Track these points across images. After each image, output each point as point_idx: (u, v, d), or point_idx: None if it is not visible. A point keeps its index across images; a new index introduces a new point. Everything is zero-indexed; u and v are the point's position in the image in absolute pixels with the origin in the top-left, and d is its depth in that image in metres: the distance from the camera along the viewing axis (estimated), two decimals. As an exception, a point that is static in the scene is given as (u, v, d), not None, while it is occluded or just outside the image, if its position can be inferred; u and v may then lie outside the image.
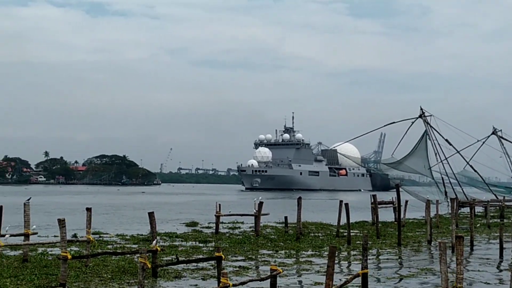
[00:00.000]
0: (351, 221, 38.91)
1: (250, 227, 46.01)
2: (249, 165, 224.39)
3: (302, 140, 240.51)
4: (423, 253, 32.81)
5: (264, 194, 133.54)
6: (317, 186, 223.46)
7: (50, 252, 29.76)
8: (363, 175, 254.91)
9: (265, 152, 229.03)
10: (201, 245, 34.67)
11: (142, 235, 38.94)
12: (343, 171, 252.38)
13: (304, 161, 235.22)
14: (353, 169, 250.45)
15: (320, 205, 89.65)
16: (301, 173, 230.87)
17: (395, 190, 41.21)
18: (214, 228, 42.94)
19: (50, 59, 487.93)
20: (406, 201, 53.92)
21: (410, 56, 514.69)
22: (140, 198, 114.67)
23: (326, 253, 30.36)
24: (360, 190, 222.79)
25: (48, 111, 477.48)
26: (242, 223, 49.58)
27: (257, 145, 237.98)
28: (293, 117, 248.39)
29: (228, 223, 49.05)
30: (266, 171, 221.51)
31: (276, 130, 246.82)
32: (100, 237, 37.62)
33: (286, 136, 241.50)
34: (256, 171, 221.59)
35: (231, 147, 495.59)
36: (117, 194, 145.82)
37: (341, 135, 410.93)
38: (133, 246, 33.17)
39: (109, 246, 32.50)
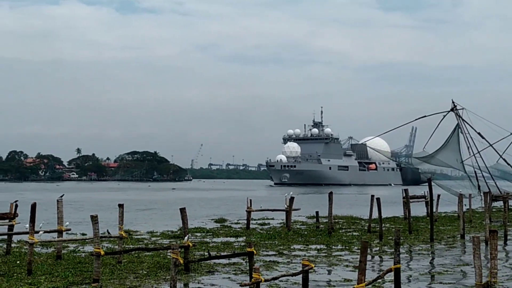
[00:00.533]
0: (382, 216, 38.72)
1: (280, 223, 46.00)
2: (277, 160, 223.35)
3: (331, 134, 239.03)
4: (456, 248, 32.53)
5: (293, 189, 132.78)
6: (346, 181, 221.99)
7: (82, 249, 30.01)
8: (393, 169, 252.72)
9: (293, 147, 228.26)
10: (232, 240, 34.76)
11: (172, 231, 39.05)
12: (372, 166, 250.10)
13: (333, 156, 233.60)
14: (383, 163, 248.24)
15: (350, 200, 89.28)
16: (330, 168, 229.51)
17: (426, 184, 40.94)
18: (245, 224, 43.02)
19: (81, 57, 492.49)
20: (439, 195, 53.47)
21: (440, 49, 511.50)
22: (170, 195, 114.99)
23: (358, 248, 30.28)
24: (390, 185, 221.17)
25: (79, 109, 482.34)
26: (272, 219, 49.55)
27: (286, 140, 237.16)
28: (321, 112, 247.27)
29: (258, 219, 48.95)
30: (294, 166, 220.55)
31: (304, 124, 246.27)
32: (130, 234, 37.71)
33: (315, 130, 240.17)
34: (284, 166, 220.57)
35: (261, 142, 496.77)
36: (148, 190, 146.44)
37: (371, 130, 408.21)
38: (165, 242, 33.34)
39: (140, 243, 32.59)
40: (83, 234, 33.84)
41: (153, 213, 61.30)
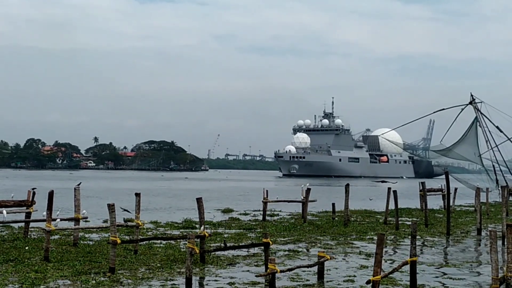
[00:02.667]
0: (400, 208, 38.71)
1: (289, 215, 45.82)
2: (286, 151, 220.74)
3: (342, 125, 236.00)
4: (473, 242, 32.41)
5: (302, 181, 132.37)
6: (357, 173, 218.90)
7: (92, 238, 30.12)
8: (405, 162, 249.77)
9: (303, 138, 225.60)
10: (245, 231, 34.75)
11: (176, 223, 38.57)
12: (384, 158, 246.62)
13: (344, 147, 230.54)
14: (395, 155, 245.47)
15: (361, 192, 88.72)
16: (340, 160, 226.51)
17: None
18: (261, 215, 43.07)
19: (99, 46, 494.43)
20: (456, 189, 53.30)
21: (460, 42, 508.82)
22: (181, 185, 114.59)
23: (374, 239, 30.24)
24: (402, 177, 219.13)
25: (97, 98, 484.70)
26: (280, 211, 49.07)
27: (296, 130, 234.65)
28: (332, 103, 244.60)
29: (267, 211, 48.08)
30: (304, 157, 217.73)
31: (315, 115, 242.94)
32: (126, 224, 37.37)
33: (325, 121, 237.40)
34: (293, 157, 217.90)
35: (278, 133, 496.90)
36: (160, 180, 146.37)
37: (388, 122, 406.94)
38: (174, 232, 33.29)
39: (148, 234, 32.39)
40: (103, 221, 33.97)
41: (158, 203, 60.58)
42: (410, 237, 19.39)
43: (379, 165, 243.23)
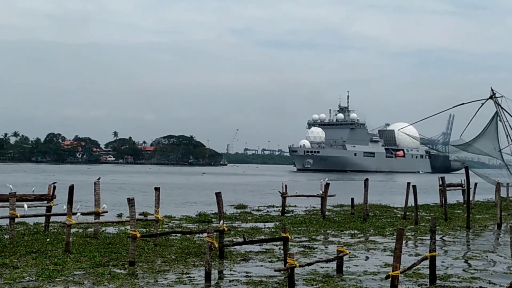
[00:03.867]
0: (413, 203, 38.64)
1: (305, 211, 45.67)
2: (300, 146, 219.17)
3: (357, 120, 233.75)
4: (492, 237, 32.27)
5: (316, 176, 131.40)
6: (372, 168, 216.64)
7: (110, 231, 30.31)
8: (421, 156, 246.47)
9: (317, 132, 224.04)
10: (260, 225, 34.79)
11: (190, 216, 38.64)
12: (400, 153, 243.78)
13: (359, 142, 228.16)
14: (411, 150, 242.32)
15: (377, 187, 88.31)
16: (355, 154, 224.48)
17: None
18: (281, 209, 43.10)
19: (117, 41, 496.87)
20: (476, 184, 53.02)
21: (479, 36, 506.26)
22: (197, 179, 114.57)
23: (391, 233, 30.19)
24: (418, 172, 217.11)
25: (117, 92, 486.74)
26: (295, 206, 48.80)
27: (311, 125, 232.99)
28: (348, 96, 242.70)
29: (279, 206, 47.46)
30: (318, 152, 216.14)
31: (330, 109, 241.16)
32: (145, 218, 37.43)
33: (340, 116, 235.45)
34: (308, 151, 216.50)
35: (297, 128, 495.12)
36: (177, 174, 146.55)
37: (407, 116, 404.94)
38: (189, 226, 33.44)
39: (165, 226, 32.49)
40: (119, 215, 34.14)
41: (173, 197, 60.29)
42: (429, 232, 19.33)
43: (395, 159, 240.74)
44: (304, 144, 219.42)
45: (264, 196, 60.98)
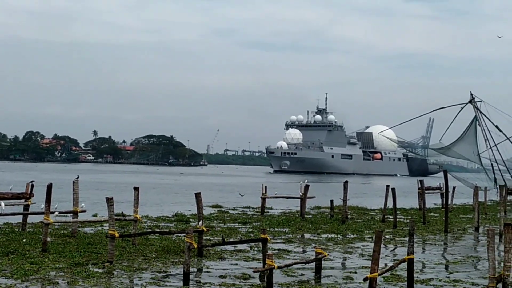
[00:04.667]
0: (391, 206, 38.78)
1: (280, 212, 45.55)
2: (278, 147, 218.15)
3: (335, 122, 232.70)
4: (470, 240, 32.46)
5: (293, 177, 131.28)
6: (349, 170, 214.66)
7: (87, 231, 30.11)
8: (399, 159, 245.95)
9: (295, 134, 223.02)
10: (237, 226, 34.80)
11: (167, 217, 38.50)
12: (378, 155, 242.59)
13: (337, 144, 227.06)
14: (389, 153, 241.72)
15: (354, 189, 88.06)
16: (332, 156, 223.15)
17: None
18: (260, 210, 43.09)
19: (100, 39, 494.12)
20: (454, 187, 53.32)
21: (460, 41, 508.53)
22: (174, 180, 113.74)
23: (369, 237, 30.25)
24: (396, 175, 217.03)
25: (97, 91, 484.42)
26: (271, 208, 48.17)
27: (288, 126, 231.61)
28: (326, 98, 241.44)
29: (255, 208, 47.23)
30: (295, 153, 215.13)
31: (308, 111, 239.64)
32: (124, 217, 36.94)
33: (318, 117, 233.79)
34: (285, 153, 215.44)
35: (278, 130, 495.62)
36: (155, 174, 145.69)
37: (388, 119, 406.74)
38: (168, 225, 33.36)
39: (143, 226, 32.39)
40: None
41: (149, 197, 59.59)
42: (408, 234, 19.39)
43: (373, 162, 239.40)
44: (281, 146, 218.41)
45: (238, 197, 60.91)
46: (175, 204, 50.34)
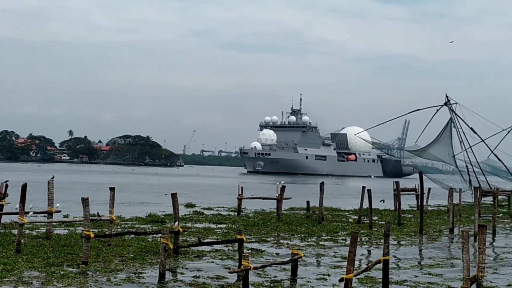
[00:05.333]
0: (365, 208, 38.89)
1: (254, 213, 45.48)
2: (251, 148, 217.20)
3: (309, 123, 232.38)
4: (445, 241, 32.67)
5: (267, 178, 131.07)
6: (324, 171, 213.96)
7: (60, 232, 29.90)
8: (373, 160, 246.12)
9: (269, 135, 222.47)
10: (213, 226, 34.79)
11: (140, 217, 38.23)
12: (352, 156, 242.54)
13: (311, 145, 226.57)
14: (363, 154, 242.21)
15: (329, 190, 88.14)
16: (307, 157, 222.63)
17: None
18: (236, 210, 43.07)
19: (76, 39, 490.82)
20: (429, 189, 53.62)
21: (436, 43, 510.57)
22: (148, 180, 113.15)
23: (344, 238, 30.36)
24: (370, 176, 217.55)
25: (73, 90, 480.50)
26: (244, 208, 47.82)
27: (262, 127, 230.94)
28: (301, 99, 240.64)
29: (230, 208, 47.58)
30: (269, 154, 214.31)
31: (282, 112, 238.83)
32: (99, 218, 36.58)
33: (293, 118, 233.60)
34: (259, 154, 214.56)
35: (255, 130, 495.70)
36: (129, 174, 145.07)
37: (364, 121, 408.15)
38: (142, 226, 33.21)
39: (118, 227, 32.13)
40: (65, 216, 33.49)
41: (122, 197, 59.03)
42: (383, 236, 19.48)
43: (347, 163, 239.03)
44: (255, 146, 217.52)
45: (213, 198, 60.68)
46: (148, 205, 50.17)
